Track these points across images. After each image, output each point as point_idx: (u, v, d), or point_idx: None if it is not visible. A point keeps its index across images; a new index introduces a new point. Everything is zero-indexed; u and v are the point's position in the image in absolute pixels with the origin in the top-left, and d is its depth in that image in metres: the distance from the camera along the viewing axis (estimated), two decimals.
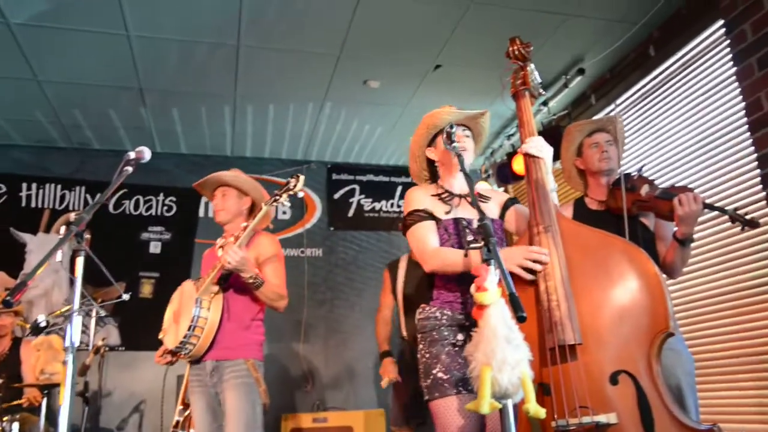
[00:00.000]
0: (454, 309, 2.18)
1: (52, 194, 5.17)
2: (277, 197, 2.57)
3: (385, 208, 5.81)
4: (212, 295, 2.66)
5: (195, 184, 3.00)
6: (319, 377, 5.22)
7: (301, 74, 4.33)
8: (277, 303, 2.74)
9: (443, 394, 2.07)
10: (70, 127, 4.95)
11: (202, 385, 2.72)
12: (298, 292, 5.36)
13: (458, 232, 2.21)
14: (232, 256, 2.51)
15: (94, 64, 4.11)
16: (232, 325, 2.69)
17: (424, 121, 2.39)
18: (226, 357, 2.67)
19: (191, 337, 2.59)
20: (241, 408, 2.58)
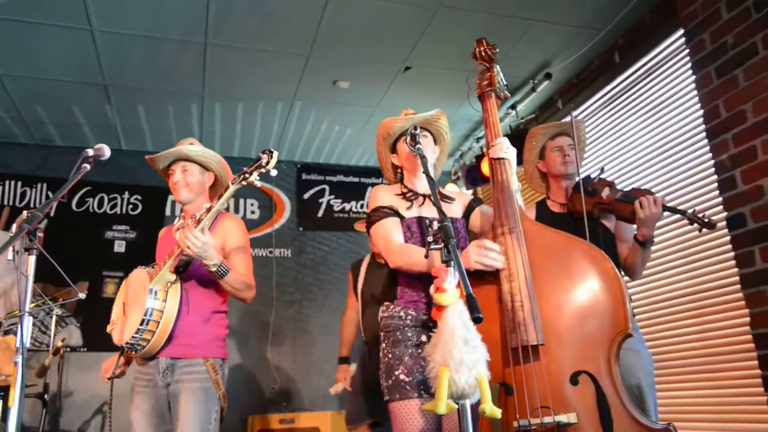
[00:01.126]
0: (418, 309, 2.17)
1: (12, 191, 5.02)
2: (246, 175, 2.20)
3: (355, 209, 5.78)
4: (169, 284, 2.33)
5: (149, 157, 2.59)
6: (286, 378, 5.17)
7: (271, 73, 4.28)
8: (244, 293, 2.45)
9: (404, 396, 2.05)
10: (32, 123, 4.81)
11: (151, 384, 2.39)
12: (266, 293, 5.31)
13: (421, 230, 2.20)
14: (193, 241, 2.18)
15: (57, 59, 4.00)
16: (192, 318, 2.38)
17: (380, 131, 2.42)
18: (184, 354, 2.36)
19: (144, 332, 2.26)
20: (195, 416, 2.26)
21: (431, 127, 2.40)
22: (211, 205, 2.25)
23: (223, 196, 2.23)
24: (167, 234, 2.65)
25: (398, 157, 2.40)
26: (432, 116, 2.38)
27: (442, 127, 2.44)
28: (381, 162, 2.52)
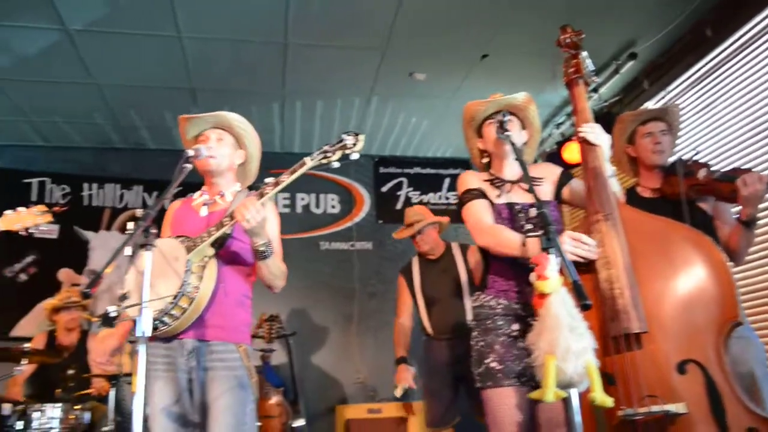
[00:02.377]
0: (509, 298, 2.16)
1: (111, 194, 5.37)
2: (327, 153, 2.04)
3: (433, 200, 5.79)
4: (206, 259, 2.11)
5: (183, 117, 2.38)
6: (371, 369, 5.25)
7: (348, 69, 4.36)
8: (278, 281, 2.25)
9: (496, 384, 2.06)
10: (127, 128, 5.12)
11: (171, 368, 2.12)
12: (348, 286, 5.43)
13: (511, 216, 2.19)
14: (254, 215, 1.99)
15: (149, 67, 4.24)
16: (228, 299, 2.18)
17: (464, 115, 2.40)
18: (215, 337, 2.14)
19: (175, 308, 2.02)
20: (233, 409, 2.08)
21: (518, 111, 2.37)
22: (279, 180, 2.06)
23: (297, 172, 2.05)
24: (183, 208, 2.42)
25: (484, 142, 2.37)
26: (520, 102, 2.34)
27: (530, 112, 2.39)
28: (468, 147, 2.50)
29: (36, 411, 3.53)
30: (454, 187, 5.84)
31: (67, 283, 5.05)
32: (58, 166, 5.31)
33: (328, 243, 5.48)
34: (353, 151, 2.04)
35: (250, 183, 2.47)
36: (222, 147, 2.32)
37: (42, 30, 3.73)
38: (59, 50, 3.92)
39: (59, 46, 3.89)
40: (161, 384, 2.10)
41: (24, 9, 3.54)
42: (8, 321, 4.95)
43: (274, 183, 2.06)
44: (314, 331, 5.20)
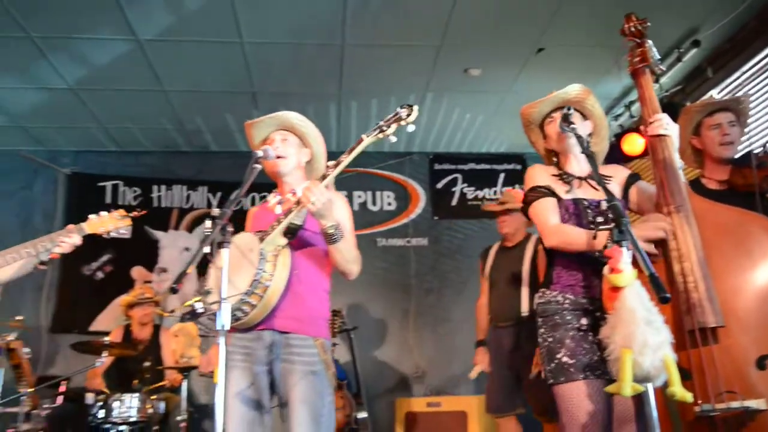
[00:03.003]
0: (576, 293, 2.12)
1: (178, 195, 5.56)
2: (383, 128, 2.04)
3: (489, 196, 5.73)
4: (279, 248, 2.09)
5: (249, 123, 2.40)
6: (429, 364, 5.26)
7: (403, 67, 4.36)
8: (352, 266, 2.22)
9: (569, 379, 2.02)
10: (192, 133, 5.28)
11: (250, 359, 2.13)
12: (405, 281, 5.44)
13: (578, 212, 2.14)
14: (318, 196, 1.98)
15: (212, 72, 4.36)
16: (303, 290, 2.17)
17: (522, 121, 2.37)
18: (294, 330, 2.14)
19: (251, 296, 2.01)
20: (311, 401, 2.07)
21: (575, 104, 2.31)
22: (339, 161, 2.06)
23: (355, 150, 2.04)
24: (261, 211, 2.44)
25: (548, 141, 2.33)
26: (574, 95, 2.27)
27: (588, 102, 2.33)
28: (536, 148, 2.46)
29: (116, 400, 3.71)
30: (509, 182, 5.78)
31: (140, 280, 5.27)
32: (130, 169, 5.54)
33: (384, 239, 5.51)
34: (408, 122, 2.04)
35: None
36: (288, 147, 2.35)
37: (116, 41, 3.89)
38: (131, 60, 4.09)
39: (131, 56, 4.05)
40: (238, 373, 2.11)
41: (100, 23, 3.70)
42: (87, 316, 5.19)
43: (335, 164, 2.07)
44: (373, 326, 5.24)
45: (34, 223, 5.29)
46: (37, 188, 5.43)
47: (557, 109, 2.26)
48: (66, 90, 4.46)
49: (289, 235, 2.15)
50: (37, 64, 4.10)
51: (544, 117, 2.32)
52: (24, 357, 3.85)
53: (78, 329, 5.09)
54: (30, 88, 4.43)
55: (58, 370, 4.86)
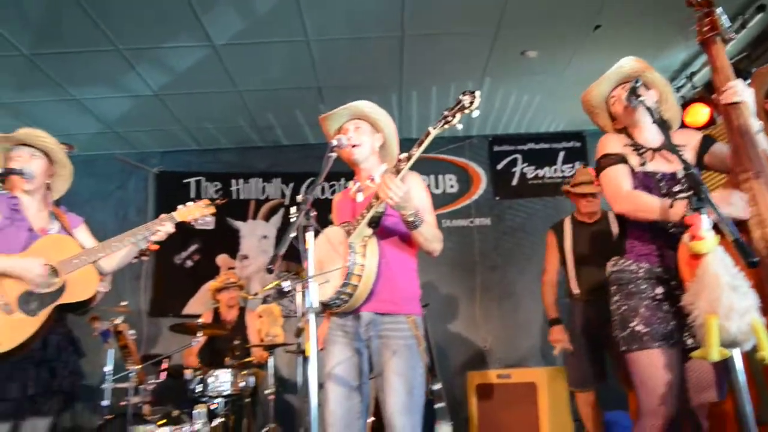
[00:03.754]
0: (651, 262, 2.05)
1: (255, 187, 5.71)
2: (448, 118, 2.03)
3: (549, 174, 5.58)
4: (366, 239, 2.18)
5: (323, 116, 2.45)
6: (497, 338, 5.22)
7: (461, 54, 4.29)
8: (435, 245, 2.24)
9: (643, 347, 1.97)
10: (265, 129, 5.40)
11: (349, 336, 2.24)
12: (469, 260, 5.40)
13: (651, 186, 2.05)
14: (395, 190, 2.01)
15: (280, 71, 4.42)
16: (391, 274, 2.22)
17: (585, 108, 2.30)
18: (387, 310, 2.21)
19: (347, 287, 2.11)
20: (404, 373, 2.14)
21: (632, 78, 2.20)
22: (410, 153, 2.07)
23: (424, 143, 2.05)
24: (343, 199, 2.49)
25: (618, 120, 2.24)
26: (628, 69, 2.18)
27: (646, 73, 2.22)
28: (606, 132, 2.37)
29: (211, 376, 3.87)
30: (569, 160, 5.61)
31: (224, 267, 5.46)
32: (211, 165, 5.74)
33: (449, 221, 5.48)
34: (472, 109, 2.01)
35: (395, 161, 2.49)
36: (361, 135, 2.38)
37: (193, 48, 4.01)
38: (208, 64, 4.21)
39: (208, 61, 4.17)
40: (338, 348, 2.22)
41: (178, 31, 3.83)
42: (180, 301, 5.44)
43: (407, 157, 2.09)
44: (442, 303, 5.24)
45: (129, 218, 5.57)
46: (130, 187, 5.72)
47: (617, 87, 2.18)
48: (152, 96, 4.65)
49: (374, 225, 2.20)
50: (125, 74, 4.29)
51: (606, 98, 2.23)
52: (130, 338, 4.08)
53: (173, 313, 5.35)
54: (120, 96, 4.64)
55: (159, 349, 5.12)
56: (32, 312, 2.24)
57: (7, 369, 2.19)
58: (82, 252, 2.38)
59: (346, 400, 2.18)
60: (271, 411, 4.05)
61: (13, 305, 2.22)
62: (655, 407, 1.93)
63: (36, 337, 2.23)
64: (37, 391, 2.25)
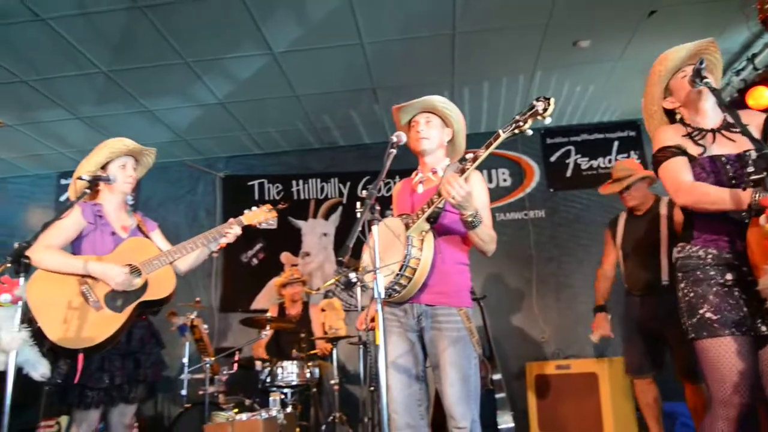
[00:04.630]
0: (719, 248, 1.93)
1: (314, 187, 5.79)
2: (519, 123, 1.95)
3: (603, 165, 5.39)
4: (423, 233, 2.19)
5: (396, 107, 2.44)
6: (554, 329, 5.09)
7: (512, 48, 4.19)
8: (489, 246, 2.22)
9: (713, 334, 1.86)
10: (322, 131, 5.46)
11: (403, 327, 2.26)
12: (525, 252, 5.29)
13: (717, 170, 1.94)
14: (458, 190, 1.99)
15: (336, 74, 4.45)
16: (446, 267, 2.23)
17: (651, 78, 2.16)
18: (439, 302, 2.21)
19: (402, 278, 2.11)
20: (459, 364, 2.13)
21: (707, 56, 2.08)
22: (477, 155, 2.03)
23: (492, 145, 1.99)
24: (404, 188, 2.50)
25: (675, 97, 2.13)
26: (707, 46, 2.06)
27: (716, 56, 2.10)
28: (648, 113, 2.25)
29: (279, 367, 3.95)
30: (623, 150, 5.40)
31: (288, 263, 5.56)
32: (272, 168, 5.86)
33: (503, 214, 5.38)
34: (545, 116, 1.93)
35: (460, 156, 2.47)
36: (431, 129, 2.37)
37: (254, 57, 4.10)
38: (268, 72, 4.29)
39: (268, 69, 4.25)
40: (395, 338, 2.24)
41: (241, 42, 3.92)
42: (248, 297, 5.58)
43: (473, 158, 2.05)
44: (499, 295, 5.15)
45: (199, 219, 5.77)
46: (199, 191, 5.92)
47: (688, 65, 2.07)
48: (217, 105, 4.79)
49: (432, 220, 2.20)
50: (193, 84, 4.44)
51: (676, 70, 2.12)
52: (204, 332, 4.22)
53: (241, 308, 5.50)
54: (189, 106, 4.80)
55: (229, 342, 5.28)
56: (118, 308, 2.35)
57: (97, 360, 2.31)
58: (161, 253, 2.48)
59: (407, 387, 2.21)
60: (336, 400, 4.11)
61: (101, 302, 2.34)
62: (728, 397, 1.82)
63: (122, 330, 2.34)
64: (124, 380, 2.37)
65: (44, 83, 4.29)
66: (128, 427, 2.52)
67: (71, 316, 2.25)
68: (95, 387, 2.29)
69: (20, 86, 4.29)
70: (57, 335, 2.23)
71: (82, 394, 2.28)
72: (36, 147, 5.42)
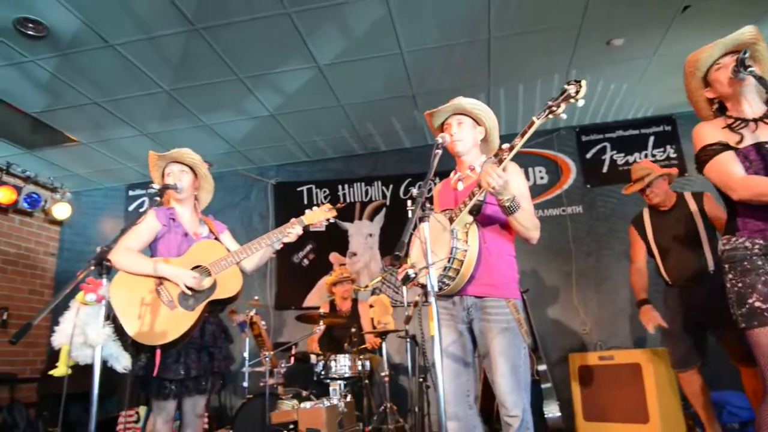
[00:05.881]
0: (766, 238, 1.85)
1: (359, 190, 5.82)
2: (553, 108, 1.91)
3: (639, 160, 5.22)
4: (467, 225, 2.15)
5: (428, 113, 2.45)
6: (595, 321, 4.96)
7: (546, 50, 4.12)
8: (532, 232, 2.17)
9: (763, 323, 1.78)
10: (365, 137, 5.49)
11: (453, 319, 2.23)
12: (564, 247, 5.18)
13: (763, 156, 1.85)
14: (495, 178, 1.96)
15: (378, 83, 4.47)
16: (493, 259, 2.18)
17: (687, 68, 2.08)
18: (488, 294, 2.17)
19: (450, 271, 2.09)
20: (509, 354, 2.09)
21: (745, 47, 1.99)
22: (513, 144, 2.00)
23: (528, 133, 1.95)
24: (444, 188, 2.48)
25: (713, 89, 2.04)
26: (748, 37, 1.97)
27: (760, 46, 2.01)
28: (692, 100, 2.17)
29: (332, 360, 3.99)
30: (659, 144, 5.22)
31: (336, 263, 5.62)
32: (319, 174, 5.93)
33: (541, 211, 5.28)
34: (578, 98, 1.88)
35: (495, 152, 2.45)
36: (463, 130, 2.36)
37: (302, 70, 4.16)
38: (314, 84, 4.35)
39: (314, 81, 4.31)
40: (444, 330, 2.21)
41: (289, 57, 3.98)
42: (300, 295, 5.66)
43: (509, 147, 2.02)
44: (540, 289, 5.06)
45: (253, 224, 5.89)
46: (253, 198, 6.04)
47: (726, 55, 1.99)
48: (268, 117, 4.89)
49: (474, 212, 2.18)
50: (245, 99, 4.54)
51: (711, 64, 2.04)
52: (262, 328, 4.30)
53: (294, 306, 5.58)
54: (242, 119, 4.91)
55: (284, 338, 5.37)
56: (190, 307, 2.42)
57: (174, 354, 2.38)
58: (229, 254, 2.54)
59: (456, 378, 2.18)
60: (386, 391, 4.11)
61: (175, 302, 2.41)
62: None
63: (194, 327, 2.41)
64: (198, 372, 2.43)
65: (114, 104, 4.47)
66: (200, 416, 2.58)
67: (148, 314, 2.33)
68: (173, 379, 2.36)
69: (93, 107, 4.49)
70: (136, 331, 2.31)
71: (161, 385, 2.36)
72: (107, 162, 5.65)
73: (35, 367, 5.68)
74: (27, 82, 4.06)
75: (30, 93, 4.22)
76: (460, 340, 2.21)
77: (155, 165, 2.65)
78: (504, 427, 2.11)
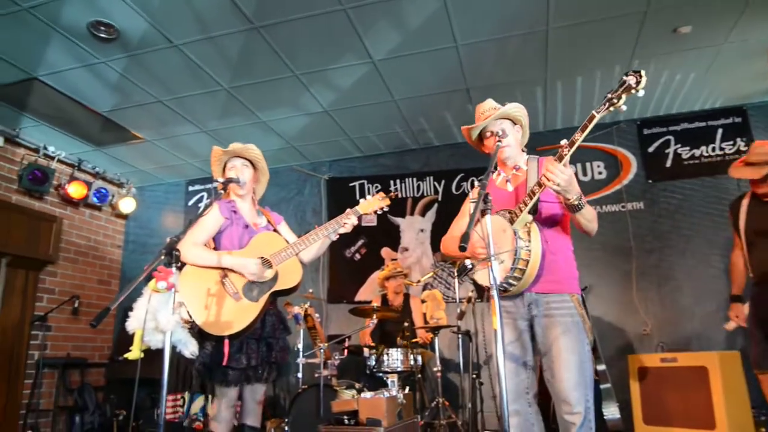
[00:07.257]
0: None
1: (410, 186, 5.82)
2: (613, 100, 1.84)
3: (706, 153, 4.96)
4: (527, 225, 2.14)
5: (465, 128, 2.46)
6: (657, 321, 4.75)
7: (607, 40, 3.97)
8: (593, 224, 2.14)
9: None
10: (418, 132, 5.48)
11: (512, 316, 2.21)
12: (624, 244, 4.99)
13: None
14: (560, 176, 1.93)
15: (431, 77, 4.44)
16: (554, 256, 2.17)
17: None
18: (552, 290, 2.16)
19: (515, 271, 2.08)
20: (574, 349, 2.06)
21: None
22: (573, 139, 1.93)
23: (588, 127, 1.89)
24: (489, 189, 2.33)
25: None
26: None
27: None
28: None
29: (384, 354, 4.01)
30: (728, 137, 4.94)
31: (387, 258, 5.64)
32: (371, 170, 5.96)
33: (599, 207, 5.10)
34: (639, 89, 1.80)
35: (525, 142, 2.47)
36: (506, 136, 2.34)
37: (356, 66, 4.19)
38: (368, 79, 4.37)
39: (368, 76, 4.33)
40: (505, 328, 2.19)
41: (344, 52, 4.02)
42: (352, 289, 5.72)
43: (570, 143, 1.96)
44: (598, 287, 4.89)
45: (306, 219, 6.00)
46: (306, 192, 6.15)
47: None
48: (322, 113, 4.95)
49: (532, 211, 2.16)
50: (301, 95, 4.62)
51: None
52: (317, 321, 4.38)
53: (346, 299, 5.64)
54: (298, 115, 5.00)
55: (336, 331, 5.44)
56: (254, 298, 2.49)
57: (237, 344, 2.46)
58: (288, 246, 2.60)
59: (515, 375, 2.17)
60: (438, 386, 4.10)
61: (240, 293, 2.49)
62: None
63: (258, 318, 2.48)
64: (259, 361, 2.50)
65: (177, 102, 4.65)
66: (259, 403, 2.66)
67: (214, 305, 2.42)
68: (235, 367, 2.44)
69: (157, 106, 4.69)
70: (202, 321, 2.40)
71: (224, 373, 2.45)
72: (169, 158, 5.89)
73: (103, 353, 6.01)
74: (98, 82, 4.28)
75: (100, 93, 4.44)
76: (520, 340, 2.19)
77: (218, 159, 2.74)
78: (563, 426, 2.07)
